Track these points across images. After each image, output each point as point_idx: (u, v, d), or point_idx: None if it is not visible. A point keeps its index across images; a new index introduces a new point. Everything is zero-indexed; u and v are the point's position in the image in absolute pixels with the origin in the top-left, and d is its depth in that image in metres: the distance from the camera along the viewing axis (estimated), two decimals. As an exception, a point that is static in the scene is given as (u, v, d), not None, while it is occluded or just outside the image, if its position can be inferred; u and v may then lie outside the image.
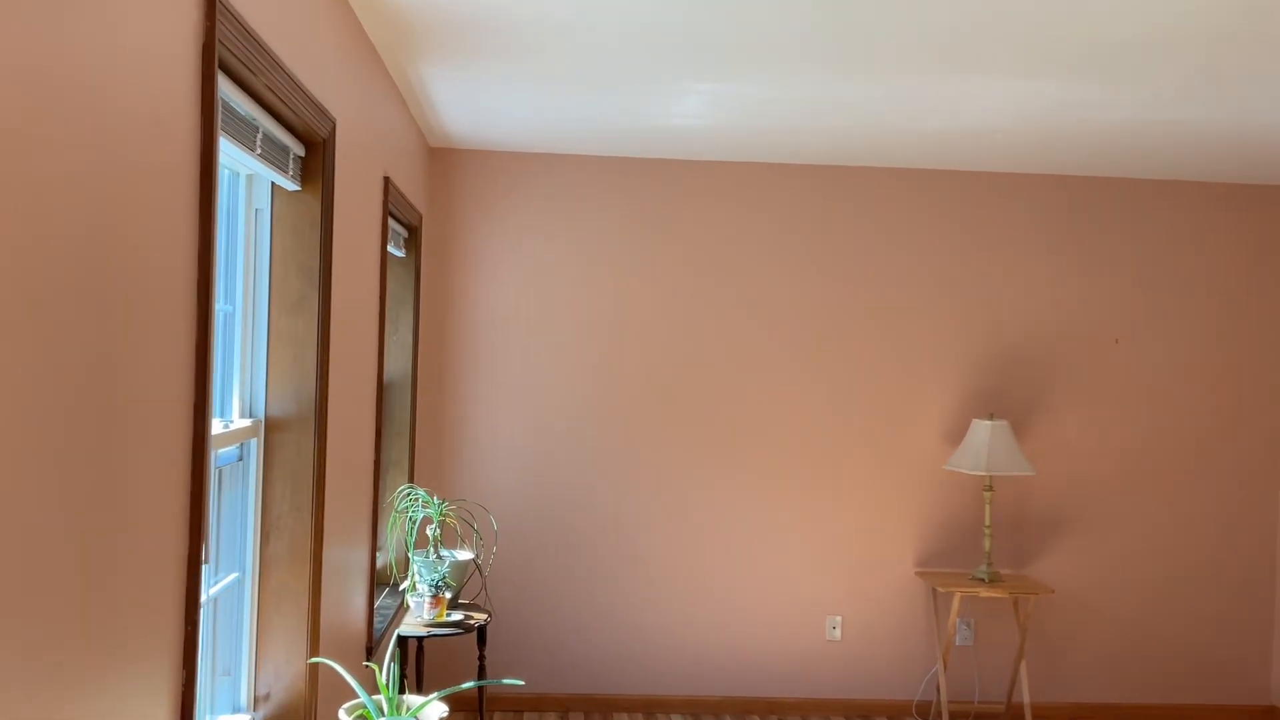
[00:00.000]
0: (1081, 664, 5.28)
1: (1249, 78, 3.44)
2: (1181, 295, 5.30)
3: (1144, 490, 5.29)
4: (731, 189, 5.20)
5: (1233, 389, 5.32)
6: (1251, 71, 3.37)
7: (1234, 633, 5.32)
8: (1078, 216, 5.28)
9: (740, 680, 5.21)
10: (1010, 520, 5.26)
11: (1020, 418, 5.26)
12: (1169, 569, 5.30)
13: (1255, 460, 5.32)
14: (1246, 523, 5.32)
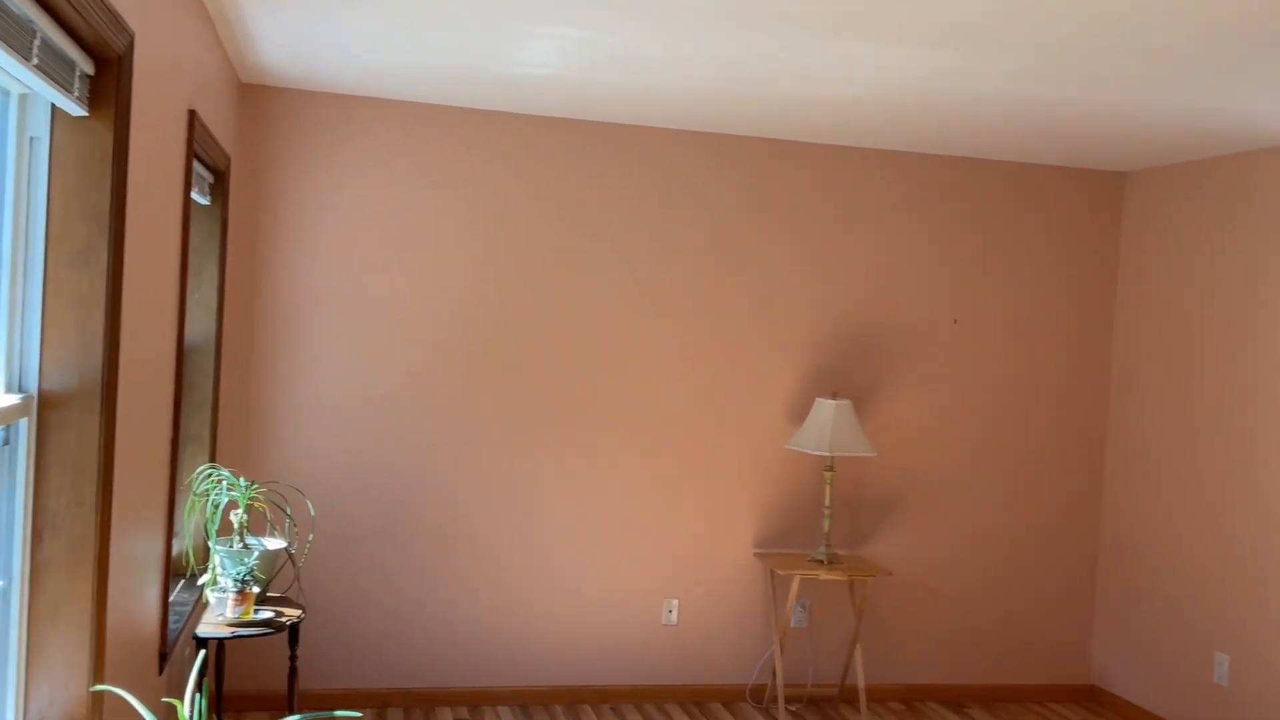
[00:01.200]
0: (914, 645, 5.27)
1: (1118, 55, 3.36)
2: (1020, 278, 5.32)
3: (978, 472, 5.31)
4: (583, 149, 4.87)
5: (1063, 373, 5.38)
6: (1120, 48, 3.28)
7: (1057, 614, 5.42)
8: (930, 196, 5.21)
9: (572, 669, 4.94)
10: (849, 501, 5.17)
11: (863, 397, 5.17)
12: (999, 551, 5.34)
13: (1081, 445, 5.41)
14: (1071, 506, 5.41)
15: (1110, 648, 5.32)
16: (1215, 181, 4.82)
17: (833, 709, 5.05)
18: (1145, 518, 5.13)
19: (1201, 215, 4.90)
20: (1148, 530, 5.11)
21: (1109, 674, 5.32)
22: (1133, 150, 4.84)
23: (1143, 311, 5.23)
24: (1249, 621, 4.50)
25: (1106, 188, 5.39)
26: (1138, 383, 5.24)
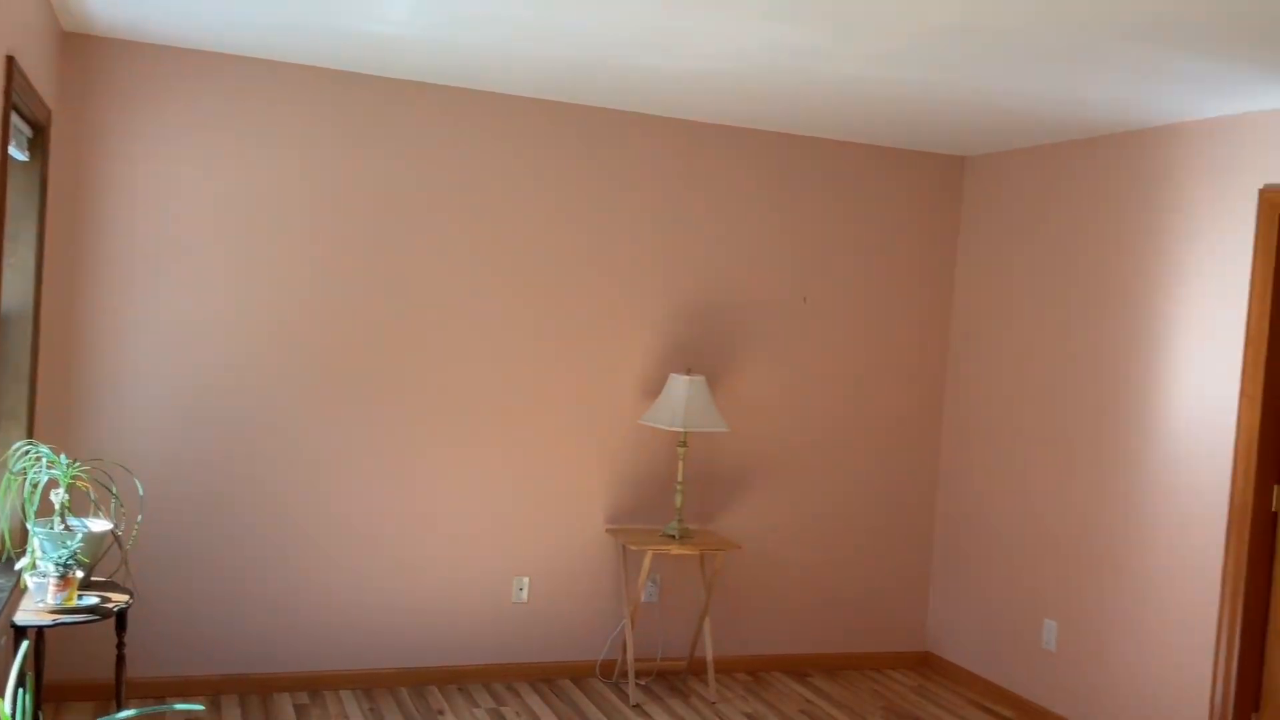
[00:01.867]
0: (761, 617, 5.36)
1: (989, 42, 3.44)
2: (868, 258, 5.44)
3: (825, 446, 5.42)
4: (439, 116, 4.71)
5: (906, 350, 5.54)
6: (993, 35, 3.36)
7: (896, 584, 5.60)
8: (784, 174, 5.25)
9: (419, 650, 4.83)
10: (702, 476, 5.21)
11: (716, 373, 5.20)
12: (844, 524, 5.48)
13: (921, 419, 5.59)
14: (911, 480, 5.59)
15: (944, 615, 5.54)
16: (1046, 167, 5.03)
17: (681, 682, 5.09)
18: (978, 490, 5.34)
19: (1033, 199, 5.10)
20: (980, 502, 5.33)
21: (943, 641, 5.54)
22: (972, 135, 5.00)
23: (977, 292, 5.43)
24: (1075, 589, 4.74)
25: (948, 171, 5.56)
26: (972, 360, 5.44)
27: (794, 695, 5.03)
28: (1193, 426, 4.23)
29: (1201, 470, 4.18)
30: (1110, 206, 4.68)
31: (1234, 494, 4.03)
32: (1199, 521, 4.17)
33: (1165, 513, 4.32)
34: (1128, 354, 4.55)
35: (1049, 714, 4.82)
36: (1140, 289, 4.51)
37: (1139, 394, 4.48)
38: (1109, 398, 4.63)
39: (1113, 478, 4.58)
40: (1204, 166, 4.24)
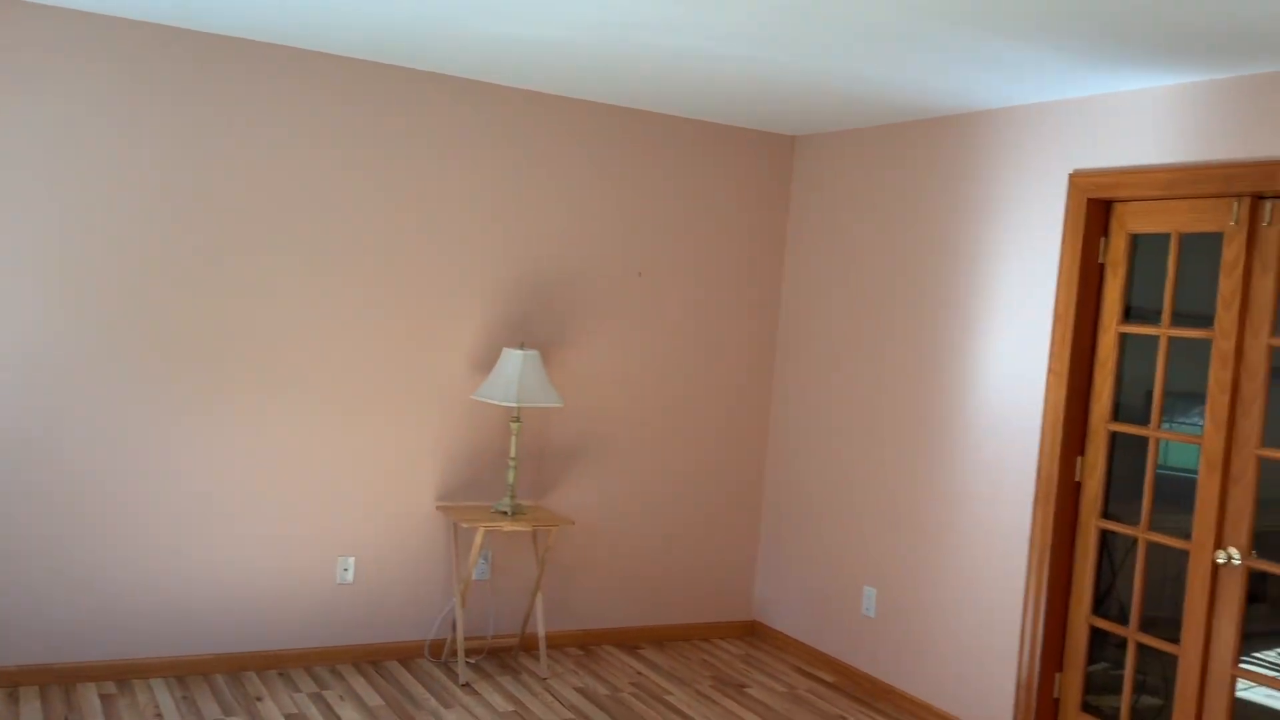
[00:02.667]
0: (593, 591, 5.36)
1: (820, 21, 3.47)
2: (702, 234, 5.47)
3: (659, 420, 5.44)
4: (263, 78, 4.46)
5: (738, 325, 5.62)
6: (824, 15, 3.39)
7: (725, 555, 5.70)
8: (619, 148, 5.22)
9: (237, 635, 4.62)
10: (535, 451, 5.15)
11: (550, 347, 5.15)
12: (675, 497, 5.52)
13: (751, 393, 5.68)
14: (741, 453, 5.68)
15: (771, 584, 5.67)
16: (871, 148, 5.16)
17: (513, 659, 5.04)
18: (804, 464, 5.48)
19: (858, 179, 5.23)
20: (806, 475, 5.46)
21: (770, 610, 5.67)
22: (802, 115, 5.08)
23: (806, 269, 5.54)
24: (894, 558, 4.92)
25: (779, 149, 5.64)
26: (800, 336, 5.57)
27: (625, 667, 5.06)
28: (1005, 401, 4.43)
29: (1012, 442, 4.38)
30: (930, 188, 4.84)
31: (1041, 465, 4.24)
32: (1009, 491, 4.38)
33: (979, 483, 4.52)
34: (945, 331, 4.73)
35: (868, 678, 5.00)
36: (957, 267, 4.68)
37: (955, 370, 4.66)
38: (928, 373, 4.80)
39: (930, 450, 4.76)
40: (1018, 151, 4.43)
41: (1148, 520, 4.02)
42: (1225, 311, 3.74)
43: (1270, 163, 3.52)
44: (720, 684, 4.95)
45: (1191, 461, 3.97)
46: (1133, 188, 3.98)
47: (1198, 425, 3.90)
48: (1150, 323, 4.07)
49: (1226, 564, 3.70)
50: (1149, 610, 4.07)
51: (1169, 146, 3.85)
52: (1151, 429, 4.02)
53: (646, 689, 4.80)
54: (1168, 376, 4.02)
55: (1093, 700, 4.25)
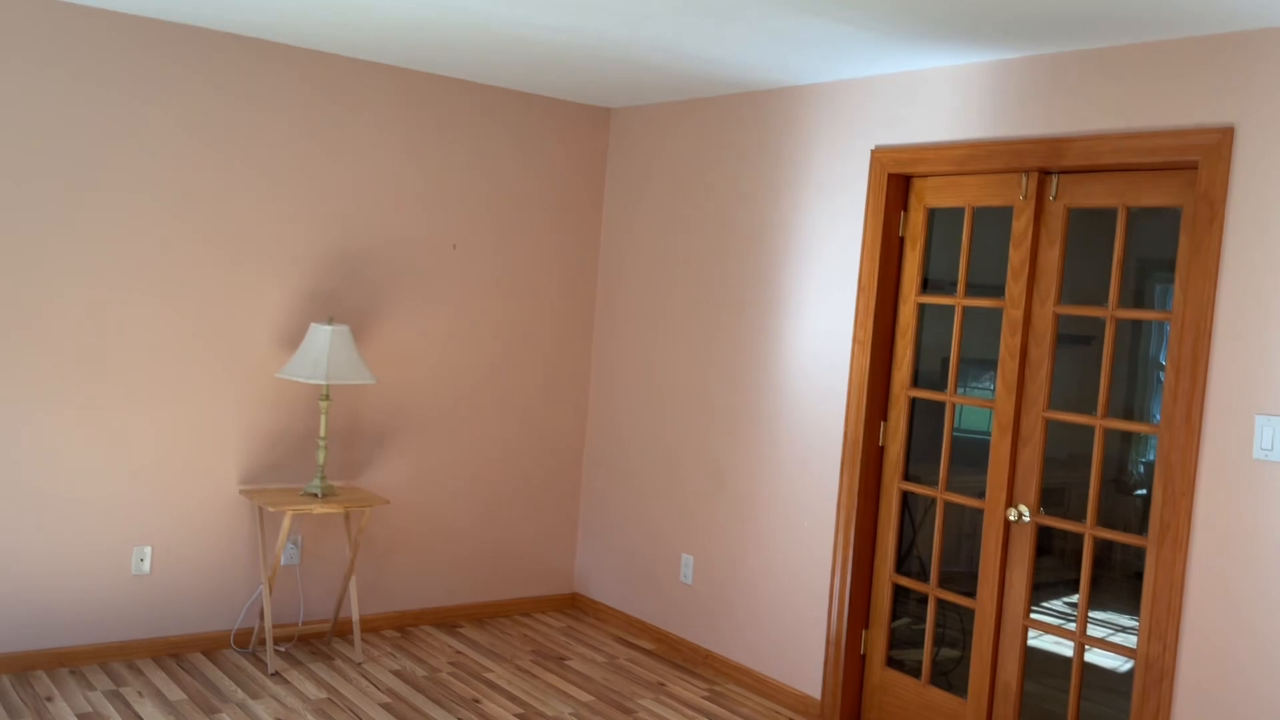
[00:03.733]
0: (409, 572, 5.24)
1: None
2: (519, 205, 5.40)
3: (475, 395, 5.36)
4: (51, 34, 4.10)
5: (555, 298, 5.58)
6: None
7: (545, 529, 5.67)
8: (426, 116, 5.08)
9: (23, 632, 4.30)
10: (346, 429, 4.99)
11: (361, 322, 4.98)
12: (494, 472, 5.46)
13: (570, 365, 5.66)
14: (560, 425, 5.66)
15: (591, 556, 5.68)
16: (685, 122, 5.20)
17: (325, 645, 4.89)
18: (622, 435, 5.51)
19: (672, 152, 5.27)
20: (624, 446, 5.49)
21: (590, 581, 5.69)
22: (616, 87, 5.07)
23: (622, 242, 5.55)
24: (710, 525, 5.01)
25: (595, 122, 5.62)
26: (617, 309, 5.58)
27: (444, 647, 4.98)
28: (814, 369, 4.56)
29: (821, 409, 4.51)
30: (744, 162, 4.91)
31: (848, 430, 4.39)
32: (818, 456, 4.52)
33: (791, 450, 4.64)
34: (758, 302, 4.82)
35: (688, 644, 5.09)
36: (769, 240, 4.78)
37: (769, 340, 4.77)
38: (742, 344, 4.89)
39: (743, 418, 4.86)
40: (826, 127, 4.54)
41: (945, 481, 4.21)
42: (1015, 281, 3.94)
43: (1055, 139, 3.72)
44: (541, 658, 4.94)
45: (985, 424, 4.19)
46: (930, 164, 4.14)
47: (990, 390, 4.10)
48: (947, 293, 4.26)
49: (1018, 521, 3.92)
50: (947, 567, 4.28)
51: (964, 124, 4.02)
52: (948, 394, 4.21)
53: (466, 668, 4.74)
54: (963, 344, 4.22)
55: (897, 655, 4.44)
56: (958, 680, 4.22)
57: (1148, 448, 7.43)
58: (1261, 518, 3.19)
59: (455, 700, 4.36)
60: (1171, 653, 3.38)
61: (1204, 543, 3.32)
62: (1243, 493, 3.23)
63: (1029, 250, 3.90)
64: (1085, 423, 3.77)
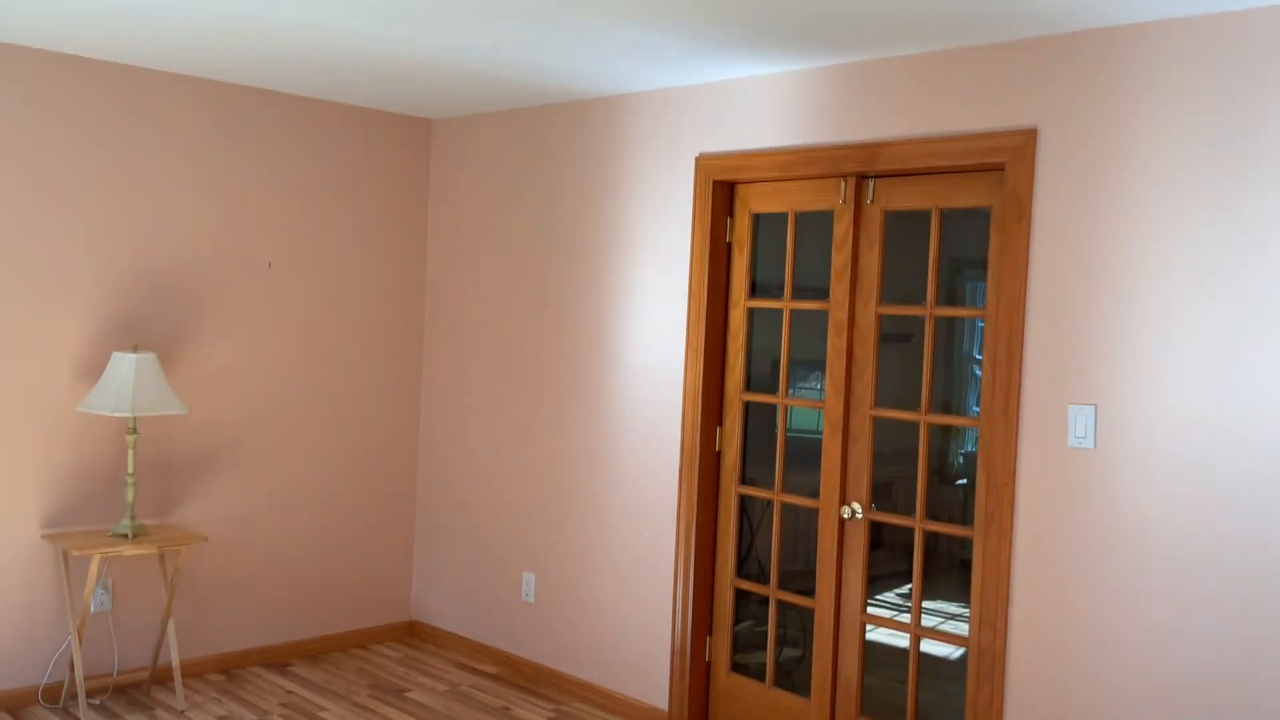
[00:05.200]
0: (233, 611, 4.96)
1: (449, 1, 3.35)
2: (338, 221, 5.19)
3: (298, 421, 5.12)
4: None
5: (381, 317, 5.39)
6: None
7: (379, 557, 5.46)
8: (234, 129, 4.82)
9: None
10: (157, 464, 4.68)
11: (168, 348, 4.69)
12: (322, 501, 5.22)
13: (399, 387, 5.48)
14: (391, 449, 5.47)
15: (428, 582, 5.51)
16: (510, 132, 5.12)
17: (144, 694, 4.57)
18: (457, 456, 5.36)
19: (498, 164, 5.18)
20: (459, 468, 5.35)
21: (427, 608, 5.51)
22: (438, 97, 4.94)
23: (450, 258, 5.42)
24: (551, 541, 4.92)
25: (416, 133, 5.46)
26: (446, 326, 5.44)
27: (274, 688, 4.73)
28: (649, 379, 4.54)
29: (658, 419, 4.50)
30: (570, 172, 4.86)
31: (684, 438, 4.38)
32: (657, 466, 4.49)
33: (627, 460, 4.61)
34: (590, 313, 4.77)
35: (531, 665, 4.98)
36: (599, 250, 4.74)
37: (600, 350, 4.72)
38: (575, 356, 4.83)
39: (580, 431, 4.80)
40: (651, 135, 4.54)
41: (781, 483, 4.25)
42: (838, 284, 4.01)
43: (871, 144, 3.81)
44: (379, 691, 4.74)
45: (817, 424, 4.25)
46: (753, 170, 4.18)
47: (820, 390, 4.17)
48: (775, 297, 4.30)
49: (851, 518, 3.98)
50: (786, 567, 4.32)
51: (785, 130, 4.08)
52: (780, 397, 4.26)
53: (299, 708, 4.51)
54: (792, 346, 4.27)
55: (741, 659, 4.45)
56: (800, 679, 4.26)
57: (966, 439, 7.74)
58: (1078, 504, 3.33)
59: (289, 743, 4.14)
60: (1002, 639, 3.49)
61: (1027, 531, 3.45)
62: (1060, 481, 3.37)
63: (850, 253, 3.98)
64: (911, 419, 3.86)
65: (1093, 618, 3.29)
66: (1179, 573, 3.12)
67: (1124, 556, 3.23)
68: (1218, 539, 3.05)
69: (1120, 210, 3.24)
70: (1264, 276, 2.98)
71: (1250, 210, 3.00)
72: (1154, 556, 3.17)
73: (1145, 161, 3.19)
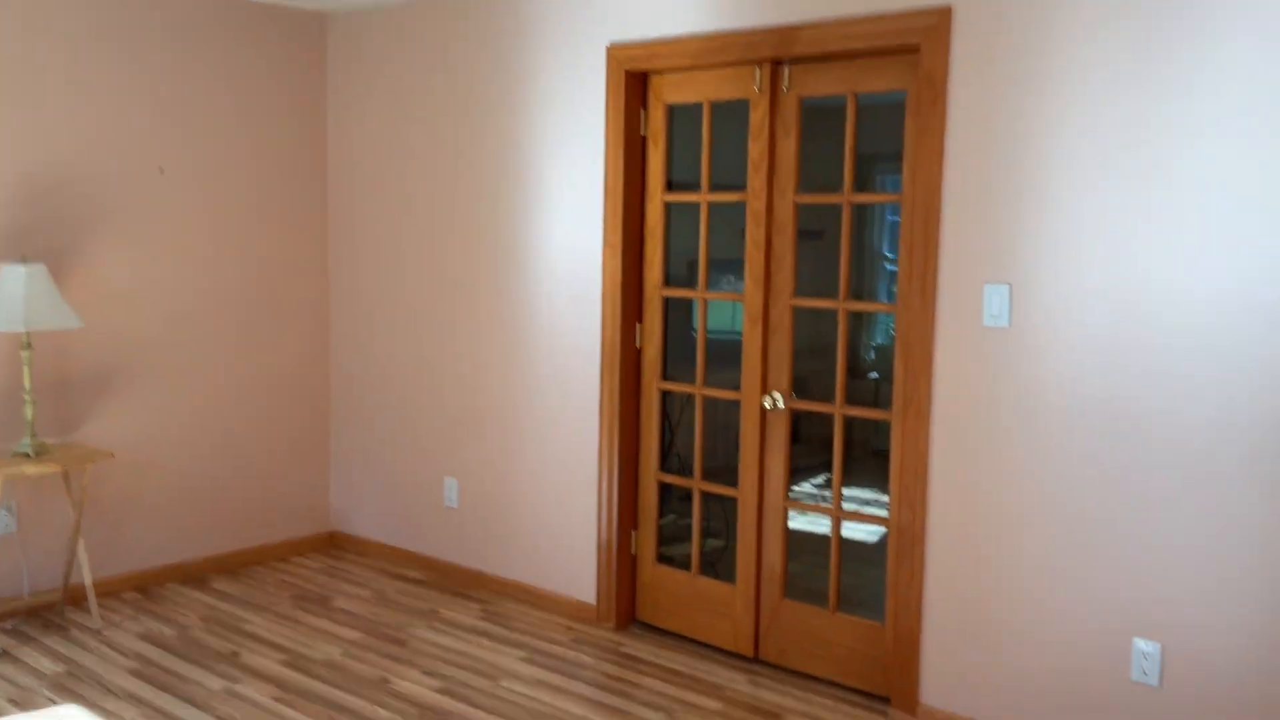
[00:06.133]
0: (146, 529, 4.83)
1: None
2: (232, 122, 4.96)
3: (202, 332, 4.95)
4: None
5: (283, 222, 5.20)
6: None
7: (296, 469, 5.36)
8: (119, 26, 4.55)
9: None
10: (55, 381, 4.49)
11: (59, 260, 4.47)
12: (232, 414, 5.09)
13: (306, 294, 5.33)
14: (300, 357, 5.34)
15: (347, 492, 5.44)
16: (408, 27, 4.93)
17: (57, 615, 4.45)
18: (370, 362, 5.26)
19: (398, 59, 4.99)
20: (373, 374, 5.25)
21: (349, 517, 5.45)
22: (335, -9, 4.73)
23: (352, 155, 5.24)
24: (472, 445, 4.88)
25: (309, 29, 5.23)
26: (352, 228, 5.28)
27: (194, 603, 4.64)
28: (567, 277, 4.48)
29: (577, 316, 4.45)
30: (477, 65, 4.71)
31: (604, 336, 4.35)
32: (578, 364, 4.46)
33: (547, 359, 4.57)
34: (504, 211, 4.67)
35: (457, 568, 4.98)
36: (510, 146, 4.62)
37: (516, 249, 4.64)
38: (490, 256, 4.74)
39: (498, 333, 4.73)
40: (560, 25, 4.40)
41: (703, 376, 4.26)
42: (755, 174, 3.98)
43: (786, 28, 3.75)
44: (302, 601, 4.70)
45: (733, 323, 4.26)
46: (666, 59, 4.09)
47: (738, 286, 4.16)
48: (692, 190, 4.26)
49: (773, 408, 4.01)
50: (708, 464, 4.36)
51: (696, 16, 3.99)
52: (700, 291, 4.24)
53: (221, 621, 4.44)
54: (710, 241, 4.25)
55: (666, 551, 4.50)
56: (724, 570, 4.33)
57: (876, 332, 7.86)
58: (992, 382, 3.40)
59: (211, 657, 4.07)
60: (921, 519, 3.58)
61: (944, 411, 3.51)
62: (975, 360, 3.43)
63: (767, 143, 3.94)
64: (829, 307, 3.89)
65: (1007, 491, 3.39)
66: (1080, 440, 3.22)
67: (1036, 431, 3.32)
68: (1119, 402, 3.15)
69: (1032, 91, 3.26)
70: (1164, 156, 3.03)
71: (1154, 90, 3.04)
72: (1061, 428, 3.26)
73: (1058, 41, 3.20)
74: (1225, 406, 2.98)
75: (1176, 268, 3.04)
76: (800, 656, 4.00)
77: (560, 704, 3.73)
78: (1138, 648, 3.16)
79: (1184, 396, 3.05)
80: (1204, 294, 3.00)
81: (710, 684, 3.92)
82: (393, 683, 3.88)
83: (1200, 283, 3.01)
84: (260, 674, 3.93)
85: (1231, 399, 2.97)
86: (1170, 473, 3.08)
